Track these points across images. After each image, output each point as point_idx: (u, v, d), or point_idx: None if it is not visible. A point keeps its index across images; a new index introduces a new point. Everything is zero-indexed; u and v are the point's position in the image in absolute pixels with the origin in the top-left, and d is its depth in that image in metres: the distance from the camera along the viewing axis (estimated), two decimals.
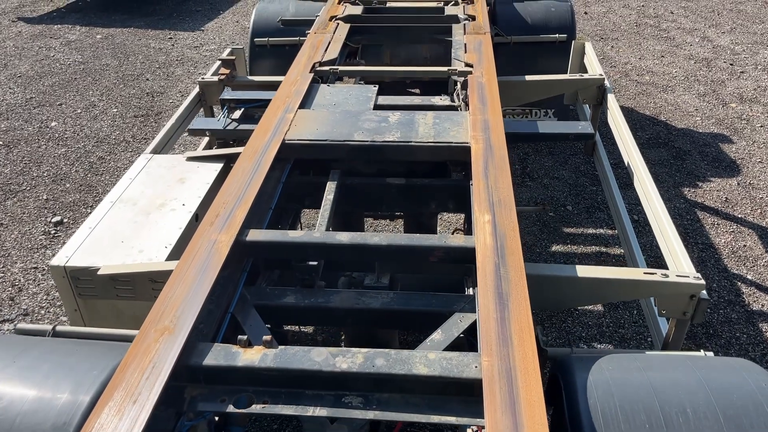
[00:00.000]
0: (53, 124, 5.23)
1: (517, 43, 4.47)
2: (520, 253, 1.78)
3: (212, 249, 1.83)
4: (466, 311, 1.77)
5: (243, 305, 1.82)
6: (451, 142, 2.37)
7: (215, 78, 3.46)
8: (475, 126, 2.47)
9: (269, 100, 2.87)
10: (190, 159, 2.80)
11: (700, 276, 1.87)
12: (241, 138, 2.95)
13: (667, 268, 2.02)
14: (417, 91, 5.15)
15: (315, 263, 1.96)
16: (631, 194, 3.89)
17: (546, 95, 3.45)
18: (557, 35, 4.43)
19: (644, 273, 1.90)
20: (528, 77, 3.33)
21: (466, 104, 2.79)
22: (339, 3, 4.16)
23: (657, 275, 1.89)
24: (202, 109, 3.50)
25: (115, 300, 2.18)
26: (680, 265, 1.98)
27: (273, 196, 2.30)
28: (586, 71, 3.96)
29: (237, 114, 3.03)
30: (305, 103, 2.77)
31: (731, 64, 6.18)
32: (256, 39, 4.56)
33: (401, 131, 2.45)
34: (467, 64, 3.12)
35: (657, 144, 4.71)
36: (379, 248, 1.89)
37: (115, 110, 5.49)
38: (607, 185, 2.92)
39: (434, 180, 2.47)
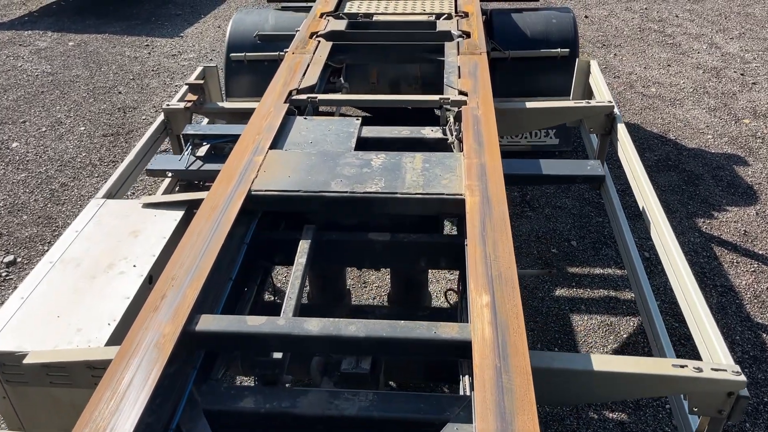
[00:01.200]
0: (14, 145, 4.92)
1: (516, 58, 4.19)
2: (526, 351, 1.49)
3: (154, 345, 1.54)
4: (461, 421, 1.48)
5: (191, 412, 1.53)
6: (443, 194, 2.09)
7: (182, 104, 3.17)
8: (470, 172, 2.19)
9: (238, 135, 2.59)
10: (147, 206, 2.50)
11: (739, 370, 1.59)
12: (206, 179, 2.66)
13: (699, 357, 1.74)
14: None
15: (279, 356, 1.68)
16: (642, 226, 3.62)
17: (549, 124, 3.17)
18: (559, 50, 4.15)
19: (673, 366, 1.62)
20: (529, 104, 3.05)
21: (460, 142, 2.52)
22: (321, 17, 3.87)
23: (688, 368, 1.61)
24: (168, 139, 3.21)
25: (49, 387, 1.89)
26: (715, 354, 1.70)
27: (234, 262, 2.01)
28: (591, 92, 3.68)
29: (203, 150, 2.74)
30: (278, 141, 2.49)
31: (742, 74, 5.92)
32: (231, 54, 4.27)
33: (386, 179, 2.17)
34: (461, 92, 2.84)
35: (667, 167, 4.44)
36: (355, 341, 1.60)
37: (83, 128, 5.17)
38: (620, 236, 2.64)
39: (423, 236, 2.19)
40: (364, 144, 2.69)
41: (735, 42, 6.72)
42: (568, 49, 4.16)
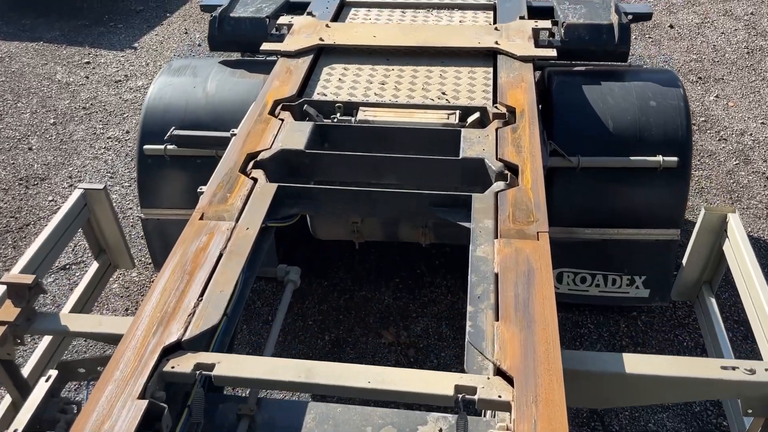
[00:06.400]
0: None
1: (587, 168, 2.79)
2: None
3: None
4: None
5: None
6: None
7: None
8: None
9: None
10: None
11: None
12: None
13: None
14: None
15: None
16: None
17: (669, 400, 1.84)
18: (660, 158, 2.73)
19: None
20: (630, 368, 1.67)
21: None
22: (274, 109, 2.54)
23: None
24: None
25: None
26: None
27: None
28: (722, 256, 2.30)
29: None
30: None
31: None
32: (146, 147, 2.97)
33: None
34: (499, 371, 1.54)
35: None
36: None
37: None
38: None
39: None
40: None
41: None
42: (675, 158, 2.74)
